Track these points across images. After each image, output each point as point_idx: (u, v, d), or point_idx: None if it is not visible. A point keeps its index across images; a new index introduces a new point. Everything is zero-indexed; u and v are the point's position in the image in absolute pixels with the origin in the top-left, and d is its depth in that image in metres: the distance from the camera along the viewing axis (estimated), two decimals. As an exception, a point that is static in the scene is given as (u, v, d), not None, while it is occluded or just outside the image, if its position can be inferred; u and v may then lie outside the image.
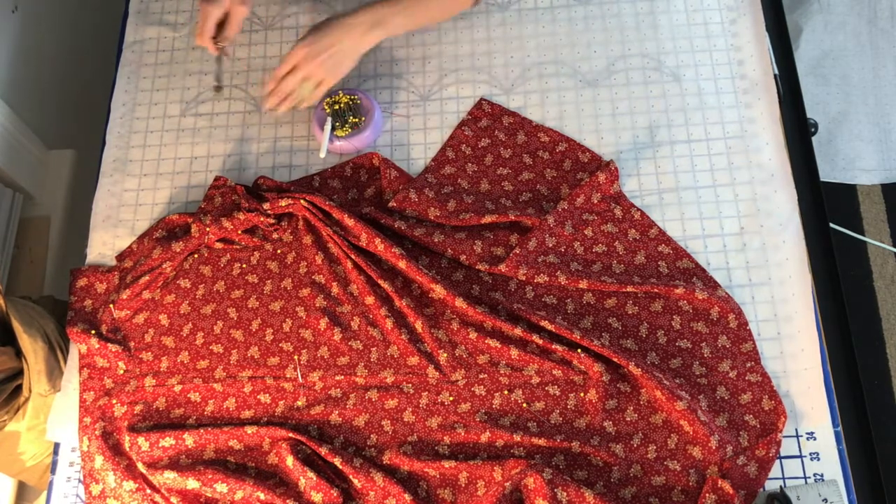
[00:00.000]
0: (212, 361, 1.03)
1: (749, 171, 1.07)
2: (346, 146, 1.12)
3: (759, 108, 1.10)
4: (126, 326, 1.07)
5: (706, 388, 0.94)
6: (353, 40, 1.03)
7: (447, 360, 0.98)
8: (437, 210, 1.05)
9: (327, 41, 1.02)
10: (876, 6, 1.83)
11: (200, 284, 1.08)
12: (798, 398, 0.94)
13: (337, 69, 1.04)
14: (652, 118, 1.12)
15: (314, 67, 1.03)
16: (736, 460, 0.89)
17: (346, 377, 0.99)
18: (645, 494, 0.90)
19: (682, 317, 0.98)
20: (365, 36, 1.03)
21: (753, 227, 1.03)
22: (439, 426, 0.96)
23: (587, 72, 1.16)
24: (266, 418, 0.99)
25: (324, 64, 1.02)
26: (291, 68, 1.03)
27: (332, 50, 1.02)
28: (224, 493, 0.94)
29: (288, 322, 1.04)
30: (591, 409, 0.94)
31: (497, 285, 1.03)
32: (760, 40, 1.15)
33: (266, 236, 1.09)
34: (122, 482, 0.97)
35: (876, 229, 1.68)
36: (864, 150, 1.72)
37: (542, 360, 0.96)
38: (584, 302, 1.00)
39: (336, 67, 1.04)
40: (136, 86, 1.24)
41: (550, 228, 1.03)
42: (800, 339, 0.97)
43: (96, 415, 1.01)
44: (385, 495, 0.91)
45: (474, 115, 1.14)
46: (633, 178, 1.08)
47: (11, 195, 1.34)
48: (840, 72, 1.78)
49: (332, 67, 1.03)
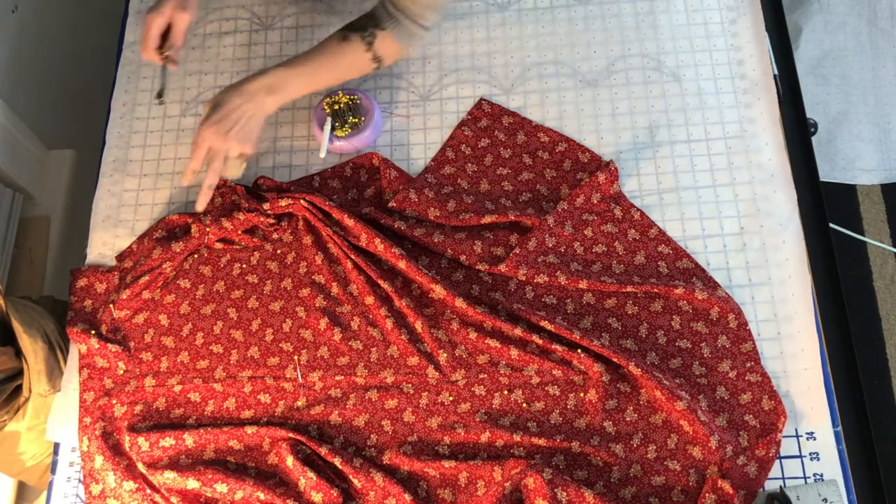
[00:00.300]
0: (212, 361, 1.03)
1: (749, 171, 1.07)
2: (346, 146, 1.12)
3: (759, 108, 1.10)
4: (126, 326, 1.07)
5: (706, 388, 0.94)
6: (255, 106, 1.02)
7: (447, 361, 0.98)
8: (436, 210, 1.05)
9: (233, 115, 1.00)
10: (876, 6, 1.83)
11: (200, 284, 1.08)
12: (798, 398, 0.94)
13: (249, 137, 1.03)
14: (652, 118, 1.12)
15: (228, 143, 1.01)
16: (736, 460, 0.89)
17: (346, 377, 0.99)
18: (645, 494, 0.90)
19: (681, 317, 0.98)
20: (266, 100, 1.02)
21: (753, 227, 1.03)
22: (439, 426, 0.96)
23: (587, 72, 1.16)
24: (266, 418, 0.99)
25: (235, 136, 1.01)
26: (205, 152, 1.02)
27: (240, 122, 1.01)
28: (224, 493, 0.94)
29: (288, 322, 1.04)
30: (591, 409, 0.94)
31: (497, 285, 1.03)
32: (760, 40, 1.15)
33: (266, 236, 1.09)
34: (122, 482, 0.97)
35: (876, 229, 1.68)
36: (864, 150, 1.72)
37: (541, 360, 0.96)
38: (583, 302, 1.00)
39: (248, 136, 1.02)
40: (136, 86, 1.24)
41: (550, 228, 1.03)
42: (800, 339, 0.97)
43: (96, 415, 1.01)
44: (385, 495, 0.91)
45: (474, 115, 1.14)
46: (633, 178, 1.08)
47: (11, 195, 1.34)
48: (840, 72, 1.78)
49: (244, 137, 1.02)
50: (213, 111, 1.01)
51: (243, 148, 1.03)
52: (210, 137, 1.00)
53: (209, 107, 1.02)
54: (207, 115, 1.01)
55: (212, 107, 1.02)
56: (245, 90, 1.01)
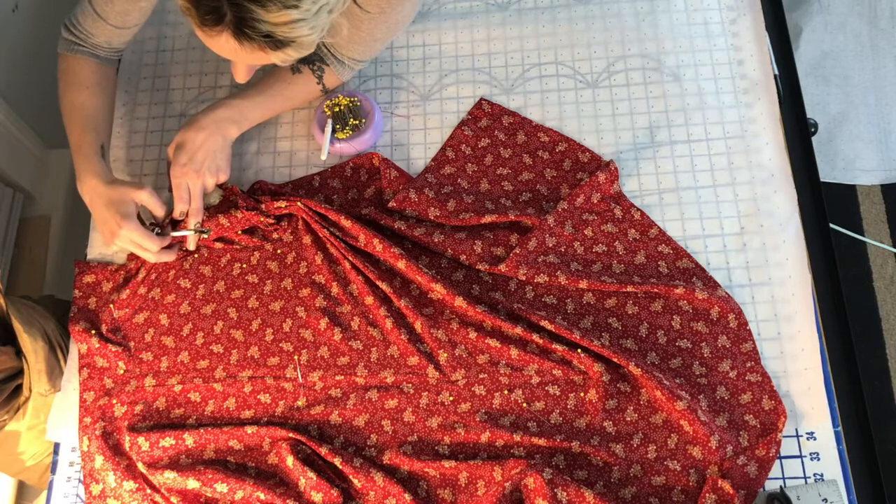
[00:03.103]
0: (212, 361, 1.03)
1: (749, 171, 1.07)
2: (347, 148, 1.12)
3: (759, 108, 1.10)
4: (126, 326, 1.07)
5: (706, 388, 0.94)
6: (219, 138, 1.05)
7: (447, 360, 0.98)
8: (436, 210, 1.05)
9: (199, 154, 1.03)
10: (876, 6, 1.83)
11: (200, 284, 1.08)
12: (798, 398, 0.94)
13: (221, 167, 1.06)
14: (652, 118, 1.12)
15: (202, 179, 1.04)
16: (736, 460, 0.89)
17: (346, 377, 0.99)
18: (645, 494, 0.90)
19: (682, 317, 0.98)
20: (229, 131, 1.06)
21: (753, 227, 1.03)
22: (439, 426, 0.96)
23: (587, 72, 1.16)
24: (266, 418, 0.99)
25: (208, 171, 1.04)
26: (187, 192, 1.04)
27: (208, 157, 1.04)
28: (224, 493, 0.94)
29: (288, 322, 1.04)
30: (591, 409, 0.94)
31: (497, 285, 1.03)
32: (760, 40, 1.15)
33: (266, 236, 1.09)
34: (122, 482, 0.97)
35: (876, 229, 1.68)
36: (864, 151, 1.72)
37: (542, 360, 0.96)
38: (584, 302, 1.00)
39: (220, 167, 1.05)
40: (136, 86, 1.24)
41: (550, 228, 1.03)
42: (800, 339, 0.97)
43: (96, 415, 1.01)
44: (385, 495, 0.91)
45: (474, 115, 1.14)
46: (633, 178, 1.08)
47: (11, 195, 1.34)
48: (840, 72, 1.78)
49: (217, 169, 1.05)
50: (179, 152, 1.04)
51: (218, 179, 1.06)
52: (185, 178, 1.03)
53: (173, 149, 1.05)
54: (175, 157, 1.04)
55: (176, 147, 1.04)
56: (205, 125, 1.04)
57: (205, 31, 0.82)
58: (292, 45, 0.83)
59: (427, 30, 1.21)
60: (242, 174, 1.15)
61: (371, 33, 1.03)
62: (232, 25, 0.80)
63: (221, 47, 0.84)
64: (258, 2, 0.77)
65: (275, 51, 0.83)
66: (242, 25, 0.79)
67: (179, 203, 1.04)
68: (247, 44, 0.81)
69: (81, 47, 1.06)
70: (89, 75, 1.06)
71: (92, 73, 1.07)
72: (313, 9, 0.80)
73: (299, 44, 0.83)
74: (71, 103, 1.06)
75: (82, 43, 1.05)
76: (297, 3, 0.78)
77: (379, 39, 1.06)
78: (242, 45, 0.82)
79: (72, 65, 1.06)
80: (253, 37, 0.80)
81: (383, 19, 1.01)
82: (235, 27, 0.80)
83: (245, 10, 0.77)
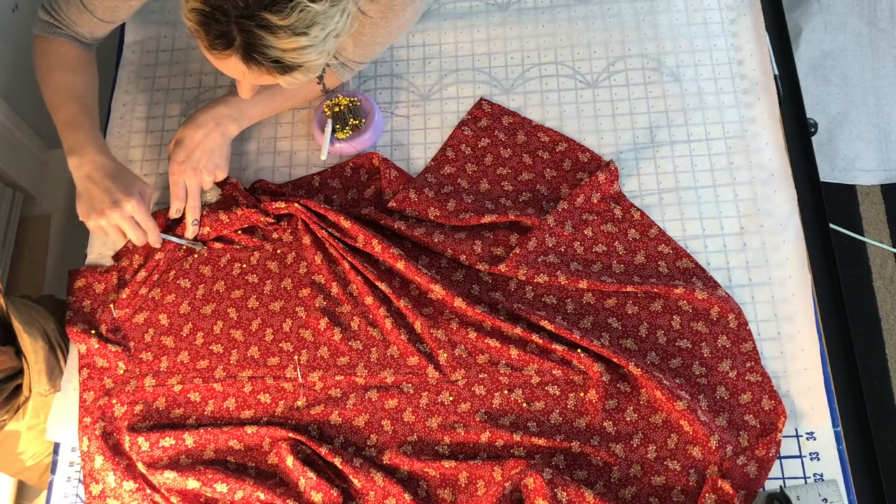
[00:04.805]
0: (212, 361, 1.03)
1: (749, 171, 1.07)
2: (347, 148, 1.12)
3: (759, 108, 1.10)
4: (126, 326, 1.07)
5: (706, 388, 0.94)
6: (218, 136, 1.05)
7: (447, 360, 0.98)
8: (436, 210, 1.05)
9: (197, 151, 1.04)
10: (876, 6, 1.83)
11: (200, 284, 1.08)
12: (798, 398, 0.94)
13: (219, 165, 1.06)
14: (652, 118, 1.12)
15: (200, 177, 1.05)
16: (736, 460, 0.89)
17: (346, 377, 0.99)
18: (645, 494, 0.90)
19: (681, 317, 0.98)
20: (228, 128, 1.07)
21: (753, 227, 1.03)
22: (439, 426, 0.96)
23: (587, 72, 1.16)
24: (266, 418, 0.99)
25: (206, 169, 1.05)
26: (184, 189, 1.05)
27: (206, 154, 1.04)
28: (224, 493, 0.94)
29: (288, 322, 1.04)
30: (591, 409, 0.94)
31: (497, 285, 1.03)
32: (760, 40, 1.15)
33: (266, 236, 1.09)
34: (122, 482, 0.97)
35: (876, 229, 1.68)
36: (863, 151, 1.72)
37: (541, 360, 0.96)
38: (583, 302, 1.00)
39: (217, 165, 1.06)
40: (136, 86, 1.24)
41: (550, 228, 1.03)
42: (800, 339, 0.97)
43: (96, 415, 1.01)
44: (385, 495, 0.91)
45: (474, 115, 1.14)
46: (633, 178, 1.08)
47: (11, 195, 1.34)
48: (840, 72, 1.78)
49: (214, 167, 1.06)
50: (177, 149, 1.04)
51: (216, 177, 1.07)
52: (182, 175, 1.04)
53: (173, 145, 1.06)
54: (173, 154, 1.04)
55: (175, 144, 1.05)
56: (203, 122, 1.05)
57: (213, 54, 0.82)
58: (300, 69, 0.83)
59: (427, 30, 1.21)
60: (242, 174, 1.15)
61: (373, 37, 1.03)
62: (241, 50, 0.79)
63: (229, 69, 0.84)
64: (268, 28, 0.77)
65: (282, 75, 0.83)
66: (251, 51, 0.79)
67: (176, 200, 1.04)
68: (255, 68, 0.81)
69: (62, 30, 1.05)
70: (74, 58, 1.06)
71: (77, 55, 1.06)
72: (322, 35, 0.80)
73: (307, 68, 0.83)
74: (58, 83, 1.04)
75: (63, 27, 1.05)
76: (306, 31, 0.78)
77: (380, 43, 1.06)
78: (251, 69, 0.82)
79: (55, 46, 1.05)
80: (262, 62, 0.80)
81: (385, 24, 1.01)
82: (244, 52, 0.79)
83: (255, 36, 0.77)
